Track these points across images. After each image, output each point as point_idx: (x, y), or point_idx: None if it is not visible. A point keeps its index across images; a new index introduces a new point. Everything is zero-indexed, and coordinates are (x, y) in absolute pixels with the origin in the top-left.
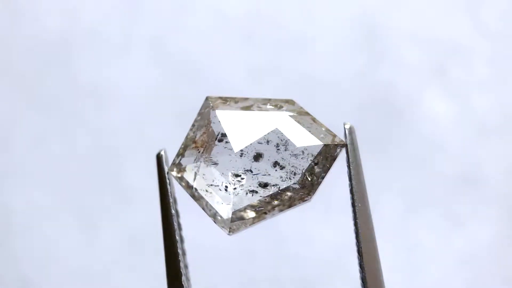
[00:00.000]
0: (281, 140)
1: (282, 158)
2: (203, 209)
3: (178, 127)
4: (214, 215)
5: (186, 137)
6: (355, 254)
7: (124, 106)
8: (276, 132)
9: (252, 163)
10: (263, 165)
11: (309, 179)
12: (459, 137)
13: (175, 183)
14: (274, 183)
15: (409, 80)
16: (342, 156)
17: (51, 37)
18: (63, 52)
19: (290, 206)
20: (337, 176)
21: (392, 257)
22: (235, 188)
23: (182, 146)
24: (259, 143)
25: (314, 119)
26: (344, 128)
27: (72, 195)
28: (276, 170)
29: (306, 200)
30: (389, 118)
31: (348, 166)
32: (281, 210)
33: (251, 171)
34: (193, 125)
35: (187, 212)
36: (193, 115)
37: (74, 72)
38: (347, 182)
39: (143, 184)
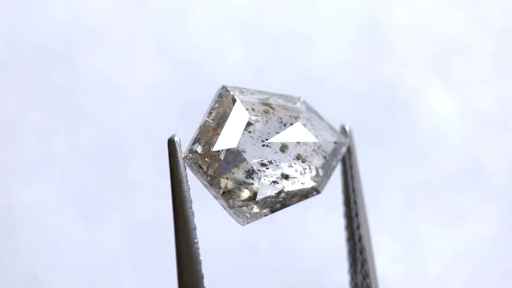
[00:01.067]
0: (302, 134)
1: (305, 152)
2: (216, 197)
3: (181, 123)
4: (229, 204)
5: (203, 124)
6: (354, 248)
7: (128, 102)
8: (298, 126)
9: (275, 155)
10: (287, 157)
11: (321, 174)
12: (460, 132)
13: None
14: (293, 176)
15: (410, 75)
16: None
17: (55, 33)
18: (68, 49)
19: (301, 199)
20: (335, 172)
21: (393, 251)
22: (259, 178)
23: (199, 132)
24: (284, 135)
25: (321, 117)
26: (345, 129)
27: (77, 190)
28: (296, 163)
29: (315, 194)
30: (391, 113)
31: (350, 165)
32: (293, 203)
33: (274, 162)
34: (210, 113)
35: None
36: (196, 111)
37: (78, 68)
38: (344, 179)
39: (148, 179)
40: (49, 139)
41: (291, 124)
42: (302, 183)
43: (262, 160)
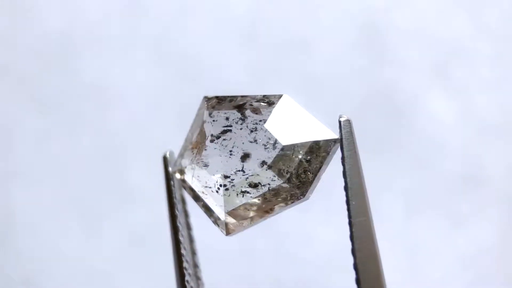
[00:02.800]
0: (269, 139)
1: (269, 157)
2: (202, 210)
3: (180, 127)
4: (212, 216)
5: (185, 138)
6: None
7: (126, 106)
8: (263, 130)
9: (240, 164)
10: (252, 165)
11: (302, 176)
12: (460, 137)
13: None
14: (264, 183)
15: (410, 79)
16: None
17: (54, 37)
18: (66, 52)
19: (286, 206)
20: (337, 174)
21: (393, 257)
22: (226, 189)
23: (182, 147)
24: (247, 143)
25: (307, 115)
26: (339, 121)
27: (75, 194)
28: (265, 170)
29: (301, 199)
30: (391, 117)
31: (342, 162)
32: (277, 210)
33: (243, 172)
34: (192, 126)
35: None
36: (194, 115)
37: (77, 72)
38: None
39: (146, 184)
40: (48, 143)
41: (258, 129)
42: (276, 189)
43: (227, 172)
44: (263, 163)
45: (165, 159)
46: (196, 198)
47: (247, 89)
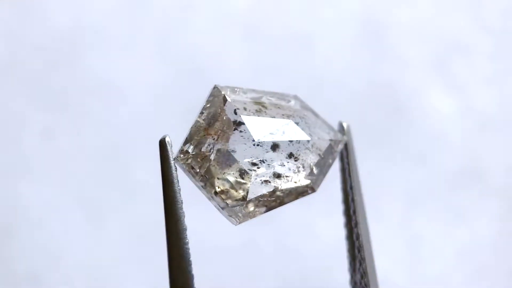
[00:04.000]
0: (295, 133)
1: (297, 150)
2: (209, 198)
3: (183, 124)
4: (221, 204)
5: (195, 125)
6: (352, 246)
7: (130, 103)
8: (290, 124)
9: (266, 154)
10: (279, 155)
11: (315, 172)
12: (460, 132)
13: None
14: (286, 174)
15: (410, 76)
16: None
17: (59, 35)
18: (71, 50)
19: (296, 198)
20: (336, 171)
21: (394, 250)
22: (251, 177)
23: (190, 133)
24: (275, 134)
25: (317, 115)
26: (342, 126)
27: (80, 190)
28: (288, 162)
29: (310, 192)
30: (391, 113)
31: (347, 163)
32: (287, 202)
33: (266, 161)
34: (201, 113)
35: (186, 203)
36: (197, 112)
37: (81, 69)
38: (342, 177)
39: (150, 179)
40: (51, 140)
41: (285, 123)
42: (295, 182)
43: (253, 160)
44: (291, 155)
45: (163, 144)
46: (205, 185)
47: (248, 86)
